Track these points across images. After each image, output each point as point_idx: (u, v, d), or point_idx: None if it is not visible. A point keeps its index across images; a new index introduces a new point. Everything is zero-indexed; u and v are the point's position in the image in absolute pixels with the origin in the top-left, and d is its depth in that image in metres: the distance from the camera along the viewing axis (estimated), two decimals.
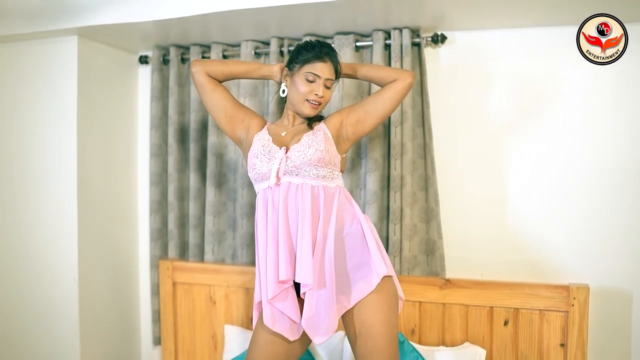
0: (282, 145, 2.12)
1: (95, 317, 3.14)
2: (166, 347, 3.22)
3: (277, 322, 2.06)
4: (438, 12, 2.59)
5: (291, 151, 2.08)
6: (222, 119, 2.24)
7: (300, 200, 2.03)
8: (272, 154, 2.09)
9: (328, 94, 2.15)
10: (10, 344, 3.20)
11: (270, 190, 2.08)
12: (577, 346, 2.46)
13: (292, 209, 2.04)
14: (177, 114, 3.19)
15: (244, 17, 2.67)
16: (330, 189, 2.09)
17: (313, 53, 2.12)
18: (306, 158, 2.05)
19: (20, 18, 2.89)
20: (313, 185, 2.06)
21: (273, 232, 2.05)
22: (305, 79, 2.12)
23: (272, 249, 2.04)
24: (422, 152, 2.79)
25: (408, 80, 2.12)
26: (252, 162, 2.13)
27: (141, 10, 2.70)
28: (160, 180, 3.28)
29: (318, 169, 2.06)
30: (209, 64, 2.25)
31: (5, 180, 3.16)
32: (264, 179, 2.10)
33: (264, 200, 2.10)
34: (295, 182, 2.06)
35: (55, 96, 3.03)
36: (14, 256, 3.17)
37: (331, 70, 2.13)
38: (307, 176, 2.06)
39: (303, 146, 2.07)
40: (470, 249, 2.83)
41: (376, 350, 2.02)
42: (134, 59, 3.40)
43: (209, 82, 2.21)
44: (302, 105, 2.14)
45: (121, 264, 3.37)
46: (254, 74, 2.29)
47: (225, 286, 3.07)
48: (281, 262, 2.00)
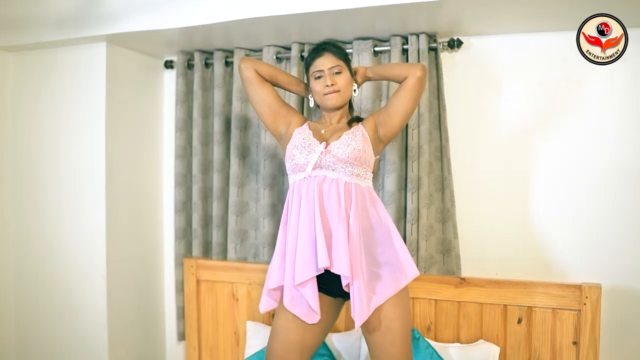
0: (322, 140, 2.21)
1: (122, 312, 3.21)
2: (190, 343, 3.28)
3: (295, 306, 2.13)
4: (454, 18, 2.63)
5: (331, 147, 2.16)
6: (267, 112, 2.33)
7: (334, 194, 2.10)
8: (312, 147, 2.18)
9: (340, 79, 2.22)
10: (41, 337, 3.29)
11: (306, 182, 2.15)
12: (590, 344, 2.50)
13: (326, 201, 2.11)
14: (201, 117, 3.26)
15: (266, 24, 2.74)
16: (361, 187, 2.16)
17: (310, 55, 2.26)
18: (345, 155, 2.13)
19: (51, 26, 2.98)
20: (347, 181, 2.13)
21: (308, 222, 2.11)
22: (314, 79, 2.24)
23: (306, 238, 2.10)
24: (438, 154, 2.83)
25: (418, 74, 2.15)
26: (292, 153, 2.21)
27: (167, 17, 2.78)
28: (185, 181, 3.35)
29: (354, 167, 2.14)
30: (258, 63, 2.34)
31: (38, 181, 3.25)
32: (300, 170, 2.18)
33: (298, 191, 2.17)
34: (330, 177, 2.14)
35: (85, 100, 3.10)
36: (46, 254, 3.25)
37: (331, 58, 2.22)
38: (343, 172, 2.13)
39: (342, 143, 2.15)
40: (485, 249, 2.87)
41: (394, 344, 2.09)
42: (160, 64, 3.48)
43: (256, 78, 2.30)
44: (324, 101, 2.24)
45: (147, 262, 3.44)
46: (292, 87, 2.41)
47: (247, 284, 3.13)
48: (320, 250, 2.05)
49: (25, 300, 3.32)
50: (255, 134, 3.17)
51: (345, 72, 2.24)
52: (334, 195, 2.11)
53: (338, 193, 2.11)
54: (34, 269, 3.29)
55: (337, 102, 2.24)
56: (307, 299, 2.10)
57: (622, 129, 2.69)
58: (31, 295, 3.31)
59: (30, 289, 3.30)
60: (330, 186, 2.12)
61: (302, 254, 2.09)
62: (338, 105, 2.25)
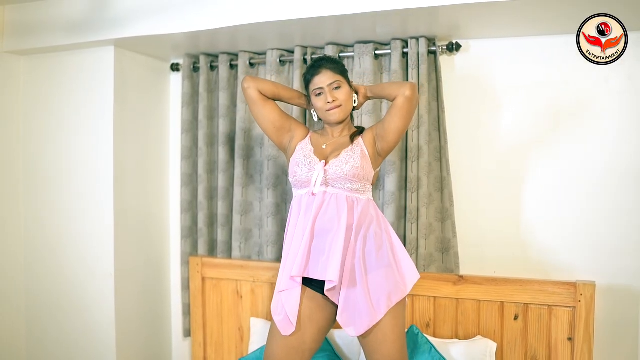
0: (322, 157, 2.27)
1: (129, 309, 3.27)
2: (195, 339, 3.32)
3: (275, 313, 2.21)
4: (453, 22, 2.67)
5: (330, 165, 2.22)
6: (271, 129, 2.38)
7: (334, 208, 2.17)
8: (312, 164, 2.24)
9: (340, 94, 2.26)
10: (51, 334, 3.35)
11: (307, 196, 2.23)
12: (584, 340, 2.54)
13: (324, 215, 2.17)
14: (206, 119, 3.31)
15: (270, 29, 2.80)
16: (361, 200, 2.22)
17: (309, 74, 2.30)
18: (343, 173, 2.19)
19: (61, 31, 3.05)
20: (347, 195, 2.20)
21: (301, 234, 2.19)
22: (315, 96, 2.28)
23: (294, 248, 2.19)
24: (437, 154, 2.88)
25: (406, 94, 2.17)
26: (294, 169, 2.28)
27: (173, 22, 2.84)
28: (191, 181, 3.41)
29: (352, 183, 2.20)
30: (261, 82, 2.38)
31: (48, 182, 3.31)
32: (303, 186, 2.25)
33: (298, 205, 2.25)
34: (330, 192, 2.20)
35: (94, 102, 3.17)
36: (56, 252, 3.31)
37: (329, 74, 2.26)
38: (342, 188, 2.20)
39: (341, 162, 2.21)
40: (483, 247, 2.92)
41: (385, 341, 2.15)
42: (166, 67, 3.53)
43: (260, 99, 2.35)
44: (327, 117, 2.30)
45: (154, 260, 3.48)
46: (294, 101, 2.45)
47: (252, 281, 3.17)
48: (297, 259, 2.14)
49: (36, 297, 3.38)
50: (259, 135, 3.22)
51: (344, 86, 2.28)
52: (333, 209, 2.17)
53: (338, 207, 2.17)
54: (44, 267, 3.35)
55: (340, 117, 2.29)
56: (285, 309, 2.18)
57: (616, 130, 2.73)
58: (41, 292, 3.36)
59: (40, 286, 3.36)
60: (330, 201, 2.19)
61: (288, 264, 2.19)
62: (341, 119, 2.30)
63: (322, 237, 2.17)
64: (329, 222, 2.17)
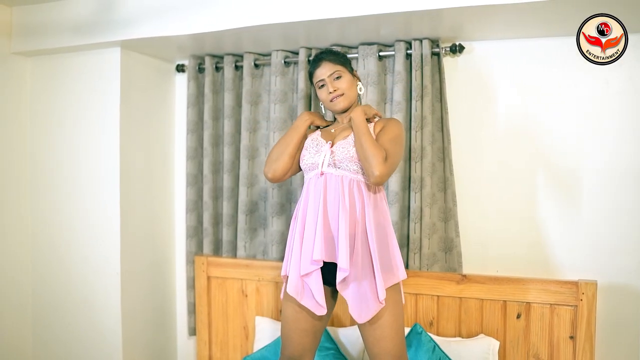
0: (329, 139, 2.31)
1: (135, 307, 3.29)
2: (201, 337, 3.35)
3: (304, 297, 2.23)
4: (456, 24, 2.69)
5: (336, 146, 2.25)
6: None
7: (339, 191, 2.19)
8: (319, 147, 2.29)
9: (342, 82, 2.29)
10: (58, 332, 3.37)
11: (315, 179, 2.25)
12: (586, 338, 2.56)
13: (331, 198, 2.20)
14: (211, 119, 3.34)
15: (274, 31, 2.82)
16: (366, 184, 2.22)
17: (311, 67, 2.35)
18: (349, 154, 2.21)
19: (68, 32, 3.07)
20: (352, 178, 2.21)
21: (313, 217, 2.21)
22: (319, 89, 2.33)
23: (310, 232, 2.20)
24: (441, 155, 2.90)
25: (370, 180, 2.12)
26: (303, 154, 2.33)
27: (178, 24, 2.87)
28: (196, 181, 3.43)
29: (358, 165, 2.21)
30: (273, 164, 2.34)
31: (55, 181, 3.34)
32: (312, 169, 2.28)
33: (307, 188, 2.28)
34: (335, 174, 2.22)
35: (100, 102, 3.19)
36: (62, 252, 3.33)
37: (329, 66, 2.29)
38: (347, 170, 2.21)
39: (348, 143, 2.24)
40: (486, 247, 2.94)
41: (384, 336, 2.18)
42: (171, 68, 3.56)
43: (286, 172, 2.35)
44: (331, 106, 2.34)
45: (159, 259, 3.51)
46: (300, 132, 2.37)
47: (257, 280, 3.20)
48: (317, 244, 2.15)
49: (42, 296, 3.41)
50: (264, 135, 3.26)
51: (345, 75, 2.31)
52: (338, 191, 2.19)
53: (343, 190, 2.19)
54: (50, 266, 3.38)
55: (344, 104, 2.31)
56: (312, 292, 2.20)
57: (616, 129, 2.75)
58: (47, 292, 3.39)
59: (47, 285, 3.39)
60: (335, 184, 2.21)
61: (307, 248, 2.20)
62: (345, 106, 2.32)
63: (333, 221, 2.18)
64: (333, 205, 2.19)
